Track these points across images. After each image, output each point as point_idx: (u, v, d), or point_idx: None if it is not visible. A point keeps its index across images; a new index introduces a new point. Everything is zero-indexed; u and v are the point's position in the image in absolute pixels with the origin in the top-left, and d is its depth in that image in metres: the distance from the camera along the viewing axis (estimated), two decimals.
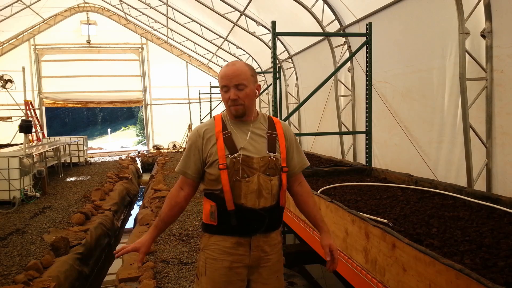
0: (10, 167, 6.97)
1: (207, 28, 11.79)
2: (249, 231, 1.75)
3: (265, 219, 1.75)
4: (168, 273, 4.03)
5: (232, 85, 1.73)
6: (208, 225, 1.79)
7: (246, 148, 1.75)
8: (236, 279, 1.75)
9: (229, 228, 1.73)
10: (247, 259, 1.75)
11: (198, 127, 1.86)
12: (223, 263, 1.74)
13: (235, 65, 1.78)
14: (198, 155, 1.79)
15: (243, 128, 1.80)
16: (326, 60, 6.98)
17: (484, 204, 2.78)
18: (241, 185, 1.71)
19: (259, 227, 1.75)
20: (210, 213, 1.76)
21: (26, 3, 12.86)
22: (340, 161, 5.53)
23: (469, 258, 1.86)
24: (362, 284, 2.33)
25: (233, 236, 1.74)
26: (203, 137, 1.79)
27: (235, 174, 1.71)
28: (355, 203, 3.09)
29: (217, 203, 1.74)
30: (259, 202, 1.73)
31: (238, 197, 1.71)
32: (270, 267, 1.80)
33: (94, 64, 16.17)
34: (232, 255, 1.74)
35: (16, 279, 3.80)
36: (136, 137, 34.67)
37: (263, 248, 1.77)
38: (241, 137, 1.78)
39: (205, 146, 1.78)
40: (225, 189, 1.71)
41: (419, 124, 4.52)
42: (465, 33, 3.53)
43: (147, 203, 7.30)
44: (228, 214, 1.72)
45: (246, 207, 1.71)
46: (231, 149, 1.74)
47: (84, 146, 12.95)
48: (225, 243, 1.75)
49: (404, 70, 4.75)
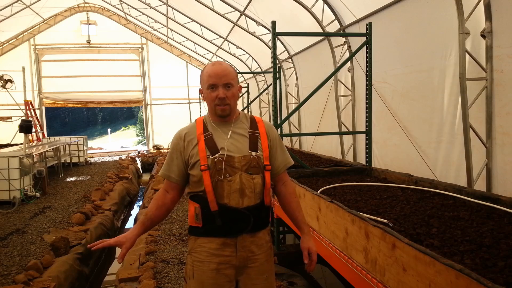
0: (10, 167, 6.97)
1: (207, 28, 11.79)
2: (234, 231, 1.74)
3: (250, 218, 1.73)
4: (168, 273, 4.03)
5: (221, 84, 1.73)
6: (194, 228, 1.79)
7: (226, 148, 1.75)
8: (224, 280, 1.74)
9: (215, 229, 1.73)
10: (234, 259, 1.74)
11: (179, 131, 1.86)
12: (210, 265, 1.73)
13: (222, 64, 1.79)
14: (181, 158, 1.80)
15: (224, 128, 1.80)
16: (326, 60, 6.97)
17: (484, 204, 2.78)
18: (223, 184, 1.71)
19: (244, 226, 1.73)
20: (195, 215, 1.76)
21: (26, 3, 12.86)
22: (340, 161, 5.53)
23: (469, 258, 1.86)
24: (362, 284, 2.33)
25: (219, 237, 1.73)
26: (184, 140, 1.80)
27: (217, 174, 1.71)
28: (355, 203, 3.09)
29: (200, 205, 1.74)
30: (242, 201, 1.72)
31: (221, 197, 1.71)
32: (258, 268, 1.79)
33: (94, 64, 16.17)
34: (219, 256, 1.73)
35: (16, 279, 3.80)
36: (136, 137, 34.65)
37: (250, 248, 1.76)
38: (222, 137, 1.78)
39: (187, 149, 1.79)
40: (208, 190, 1.70)
41: (419, 124, 4.52)
42: (465, 33, 3.53)
43: (147, 203, 7.30)
44: (213, 215, 1.72)
45: (230, 206, 1.71)
46: (212, 150, 1.74)
47: (84, 146, 12.95)
48: (211, 244, 1.74)
49: (404, 70, 4.74)
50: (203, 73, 1.79)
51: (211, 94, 1.76)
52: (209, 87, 1.76)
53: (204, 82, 1.78)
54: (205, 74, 1.77)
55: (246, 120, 1.86)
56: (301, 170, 4.53)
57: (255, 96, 10.91)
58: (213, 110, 1.80)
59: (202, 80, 1.80)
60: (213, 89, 1.75)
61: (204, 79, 1.78)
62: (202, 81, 1.79)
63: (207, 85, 1.76)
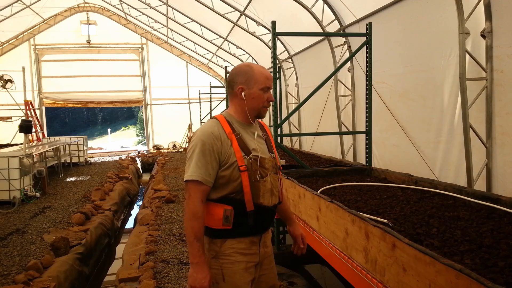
0: (10, 167, 6.97)
1: (207, 28, 11.79)
2: (262, 229, 1.82)
3: (274, 215, 1.88)
4: (168, 273, 4.03)
5: (271, 88, 1.82)
6: (221, 231, 1.73)
7: (256, 149, 1.79)
8: (250, 279, 1.79)
9: (245, 229, 1.75)
10: (257, 256, 1.81)
11: (209, 129, 1.74)
12: (240, 265, 1.75)
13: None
14: (217, 159, 1.71)
15: (247, 129, 1.83)
16: (326, 60, 6.98)
17: (484, 204, 2.78)
18: (259, 185, 1.75)
19: (270, 223, 1.86)
20: (225, 217, 1.70)
21: (26, 3, 12.86)
22: (340, 161, 5.53)
23: (469, 258, 1.86)
24: (362, 284, 2.33)
25: (248, 237, 1.77)
26: (220, 139, 1.72)
27: (253, 174, 1.73)
28: (355, 203, 3.09)
29: (234, 206, 1.72)
30: (271, 200, 1.81)
31: (257, 197, 1.75)
32: (268, 258, 1.90)
33: (94, 64, 16.17)
34: (246, 255, 1.77)
35: (16, 279, 3.80)
36: (136, 137, 34.65)
37: (266, 243, 1.87)
38: (248, 138, 1.81)
39: (223, 148, 1.72)
40: (246, 190, 1.71)
41: (419, 124, 4.52)
42: (465, 33, 3.53)
43: (147, 203, 7.30)
44: (245, 216, 1.73)
45: (264, 206, 1.77)
46: (245, 150, 1.75)
47: (84, 146, 12.95)
48: (240, 244, 1.76)
49: (404, 70, 4.75)
50: (255, 73, 1.77)
51: (263, 95, 1.79)
52: (264, 89, 1.79)
53: (259, 83, 1.77)
54: (262, 75, 1.78)
55: (257, 123, 1.93)
56: (301, 170, 4.53)
57: None
58: (257, 111, 1.82)
59: (254, 80, 1.77)
60: (266, 92, 1.80)
61: (259, 79, 1.77)
62: (255, 80, 1.77)
63: (263, 86, 1.78)
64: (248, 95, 1.78)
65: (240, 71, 1.81)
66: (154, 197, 7.56)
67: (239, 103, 1.81)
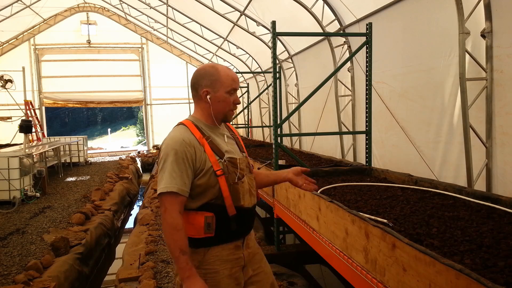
0: (10, 167, 6.97)
1: (207, 28, 11.79)
2: (245, 231, 1.77)
3: (254, 215, 1.84)
4: (168, 273, 4.03)
5: (237, 89, 1.77)
6: (203, 239, 1.66)
7: (229, 151, 1.75)
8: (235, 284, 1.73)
9: (228, 234, 1.70)
10: (242, 260, 1.76)
11: (180, 136, 1.64)
12: (224, 272, 1.68)
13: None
14: (191, 167, 1.63)
15: (215, 132, 1.78)
16: (326, 60, 6.97)
17: (484, 204, 2.78)
18: (238, 187, 1.70)
19: (252, 225, 1.81)
20: (206, 225, 1.63)
21: (26, 3, 12.87)
22: (340, 161, 5.52)
23: (469, 258, 1.86)
24: (362, 284, 2.33)
25: (231, 242, 1.72)
26: (193, 146, 1.64)
27: (231, 177, 1.69)
28: (355, 203, 3.08)
29: (215, 212, 1.65)
30: (251, 200, 1.78)
31: (237, 200, 1.70)
32: (255, 257, 1.85)
33: (94, 64, 16.18)
34: (231, 261, 1.71)
35: (16, 279, 3.80)
36: (136, 137, 34.66)
37: (249, 244, 1.82)
38: (219, 140, 1.76)
39: (197, 155, 1.64)
40: (225, 195, 1.65)
41: (418, 124, 4.52)
42: (465, 33, 3.53)
43: (147, 203, 7.30)
44: (227, 221, 1.67)
45: (245, 208, 1.73)
46: (218, 154, 1.70)
47: (84, 146, 12.96)
48: (223, 251, 1.69)
49: (404, 70, 4.74)
50: (221, 75, 1.70)
51: (229, 98, 1.73)
52: (230, 91, 1.73)
53: (226, 85, 1.71)
54: (229, 78, 1.72)
55: (223, 125, 1.88)
56: None
57: (255, 96, 10.91)
58: (224, 114, 1.76)
59: (220, 82, 1.70)
60: (232, 94, 1.74)
61: (225, 82, 1.71)
62: (221, 83, 1.70)
63: (230, 88, 1.72)
64: (214, 98, 1.71)
65: (205, 73, 1.72)
66: (154, 197, 7.56)
67: (204, 106, 1.74)
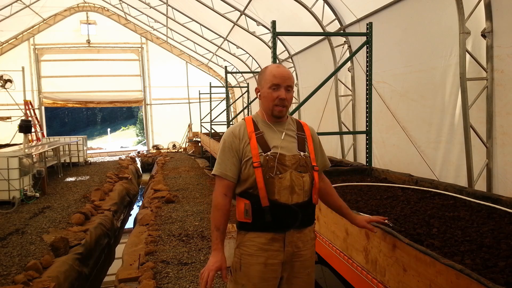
0: (9, 167, 6.96)
1: (207, 28, 11.79)
2: (283, 226, 1.80)
3: (298, 214, 1.80)
4: (168, 273, 4.02)
5: (284, 85, 1.81)
6: (243, 223, 1.82)
7: (278, 147, 1.81)
8: (271, 276, 1.79)
9: (264, 224, 1.77)
10: (282, 254, 1.79)
11: (231, 128, 1.89)
12: (259, 259, 1.78)
13: (285, 67, 1.87)
14: (237, 156, 1.82)
15: (275, 128, 1.87)
16: (326, 60, 6.97)
17: (484, 204, 2.77)
18: (274, 181, 1.76)
19: (292, 222, 1.80)
20: (245, 211, 1.80)
21: (26, 3, 12.86)
22: (341, 161, 5.52)
23: (469, 258, 1.85)
24: (362, 284, 2.32)
25: (268, 232, 1.78)
26: (239, 138, 1.83)
27: (269, 171, 1.76)
28: (355, 203, 3.08)
29: (251, 201, 1.78)
30: (291, 198, 1.79)
31: (272, 194, 1.76)
32: (302, 262, 1.85)
33: (94, 64, 16.17)
34: (267, 251, 1.78)
35: (15, 279, 3.80)
36: (136, 137, 34.64)
37: (297, 243, 1.82)
38: (273, 136, 1.84)
39: (241, 146, 1.82)
40: (260, 186, 1.75)
41: (419, 124, 4.52)
42: (465, 32, 3.52)
43: (147, 203, 7.29)
44: (263, 211, 1.76)
45: (280, 202, 1.77)
46: (264, 148, 1.80)
47: (84, 146, 12.95)
48: (260, 239, 1.78)
49: (404, 70, 4.74)
50: (266, 72, 1.84)
51: (273, 93, 1.81)
52: (271, 87, 1.81)
53: (267, 81, 1.81)
54: (270, 74, 1.82)
55: (293, 123, 1.94)
56: None
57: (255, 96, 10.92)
58: (270, 110, 1.84)
59: (264, 79, 1.84)
60: (275, 90, 1.81)
61: (267, 78, 1.82)
62: (264, 80, 1.83)
63: (270, 84, 1.80)
64: (261, 95, 1.86)
65: (260, 72, 1.88)
66: (154, 197, 7.56)
67: (260, 103, 1.91)
